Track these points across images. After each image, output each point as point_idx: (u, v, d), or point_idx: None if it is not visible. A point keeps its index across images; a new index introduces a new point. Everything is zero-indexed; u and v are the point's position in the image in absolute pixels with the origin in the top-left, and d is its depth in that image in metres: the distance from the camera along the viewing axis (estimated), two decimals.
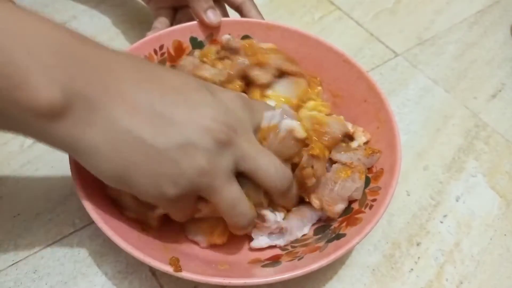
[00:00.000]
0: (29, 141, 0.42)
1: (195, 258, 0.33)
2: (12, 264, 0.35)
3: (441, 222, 0.39)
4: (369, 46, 0.53)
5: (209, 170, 0.27)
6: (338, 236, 0.32)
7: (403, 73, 0.50)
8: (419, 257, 0.37)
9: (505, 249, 0.38)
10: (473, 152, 0.44)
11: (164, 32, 0.41)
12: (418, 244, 0.38)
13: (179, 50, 0.42)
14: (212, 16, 0.42)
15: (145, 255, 0.29)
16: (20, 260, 0.35)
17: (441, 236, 0.38)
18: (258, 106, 0.32)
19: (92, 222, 0.37)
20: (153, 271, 0.35)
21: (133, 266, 0.35)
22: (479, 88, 0.49)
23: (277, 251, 0.34)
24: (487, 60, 0.52)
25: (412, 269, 0.36)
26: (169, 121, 0.26)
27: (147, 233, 0.33)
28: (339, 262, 0.36)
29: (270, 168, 0.29)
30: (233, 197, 0.28)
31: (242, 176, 0.29)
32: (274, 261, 0.33)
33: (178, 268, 0.29)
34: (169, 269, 0.29)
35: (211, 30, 0.42)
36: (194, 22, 0.42)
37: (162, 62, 0.41)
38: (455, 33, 0.55)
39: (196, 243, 0.34)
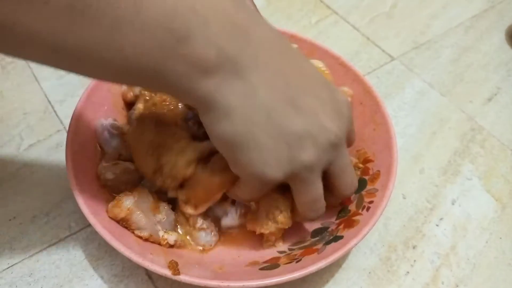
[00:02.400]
0: (25, 144, 0.42)
1: (192, 262, 0.33)
2: (8, 268, 0.35)
3: (437, 225, 0.39)
4: (365, 50, 0.53)
5: (314, 165, 0.28)
6: (336, 238, 0.33)
7: (399, 77, 0.51)
8: (415, 260, 0.37)
9: (500, 252, 0.38)
10: (469, 156, 0.44)
11: None
12: (414, 247, 0.38)
13: None
14: None
15: (144, 259, 0.29)
16: (16, 264, 0.35)
17: (437, 239, 0.38)
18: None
19: (88, 226, 0.37)
20: (149, 275, 0.35)
21: (129, 269, 0.35)
22: (474, 92, 0.50)
23: (275, 254, 0.34)
24: (483, 64, 0.53)
25: (408, 272, 0.36)
26: (298, 109, 0.27)
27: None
28: (336, 265, 0.36)
29: (352, 178, 0.32)
30: (318, 193, 0.30)
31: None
32: (272, 263, 0.33)
33: (176, 272, 0.29)
34: (167, 272, 0.29)
35: None
36: None
37: None
38: (451, 37, 0.55)
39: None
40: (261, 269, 0.32)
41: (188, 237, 0.34)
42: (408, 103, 0.48)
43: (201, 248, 0.34)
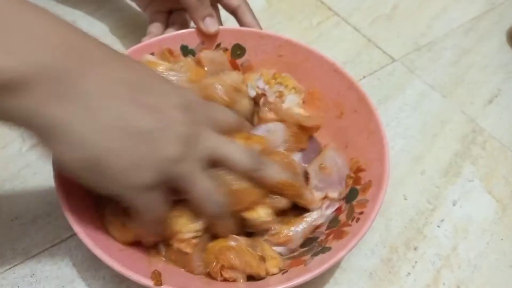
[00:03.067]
0: (27, 144, 0.42)
1: (178, 271, 0.32)
2: (10, 268, 0.35)
3: (438, 227, 0.39)
4: (366, 51, 0.53)
5: (182, 158, 0.27)
6: (324, 250, 0.32)
7: (400, 78, 0.51)
8: (416, 261, 0.37)
9: (501, 253, 0.38)
10: (470, 157, 0.44)
11: (155, 40, 0.41)
12: (415, 249, 0.38)
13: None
14: (210, 24, 0.41)
15: (127, 268, 0.29)
16: (18, 264, 0.35)
17: (438, 241, 0.38)
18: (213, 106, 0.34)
19: None
20: None
21: None
22: (475, 94, 0.50)
23: None
24: (483, 65, 0.53)
25: (409, 273, 0.36)
26: (144, 107, 0.26)
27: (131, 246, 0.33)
28: (337, 266, 0.36)
29: (239, 152, 0.31)
30: (207, 186, 0.29)
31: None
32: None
33: (158, 282, 0.29)
34: (149, 283, 0.29)
35: (203, 38, 0.42)
36: (185, 30, 0.42)
37: None
38: (452, 38, 0.55)
39: None
40: (248, 279, 0.32)
41: None
42: (409, 104, 0.48)
43: None
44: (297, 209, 0.35)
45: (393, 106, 0.48)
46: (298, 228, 0.34)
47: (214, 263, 0.31)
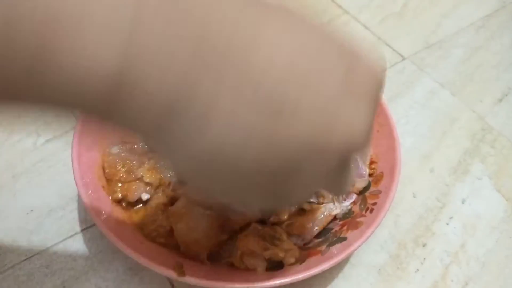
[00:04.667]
0: (42, 138, 0.43)
1: (198, 263, 0.33)
2: (26, 259, 0.36)
3: (447, 224, 0.39)
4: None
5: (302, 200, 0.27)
6: (340, 240, 0.33)
7: (410, 76, 0.51)
8: (424, 258, 0.37)
9: (510, 251, 0.38)
10: (479, 155, 0.44)
11: None
12: (424, 245, 0.38)
13: None
14: None
15: (149, 260, 0.30)
16: (34, 255, 0.36)
17: (446, 238, 0.39)
18: None
19: None
20: None
21: None
22: (485, 92, 0.50)
23: None
24: (494, 64, 0.53)
25: (417, 270, 0.37)
26: (282, 114, 0.18)
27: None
28: (345, 262, 0.37)
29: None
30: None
31: None
32: (277, 264, 0.33)
33: (181, 273, 0.29)
34: (172, 274, 0.29)
35: None
36: None
37: None
38: (462, 37, 0.55)
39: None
40: (266, 270, 0.32)
41: None
42: (418, 102, 0.48)
43: None
44: (312, 202, 0.36)
45: (403, 104, 0.48)
46: (314, 218, 0.35)
47: (235, 252, 0.32)
